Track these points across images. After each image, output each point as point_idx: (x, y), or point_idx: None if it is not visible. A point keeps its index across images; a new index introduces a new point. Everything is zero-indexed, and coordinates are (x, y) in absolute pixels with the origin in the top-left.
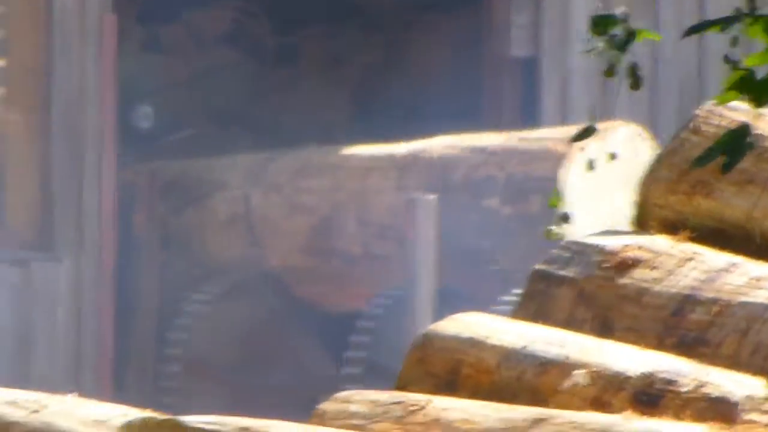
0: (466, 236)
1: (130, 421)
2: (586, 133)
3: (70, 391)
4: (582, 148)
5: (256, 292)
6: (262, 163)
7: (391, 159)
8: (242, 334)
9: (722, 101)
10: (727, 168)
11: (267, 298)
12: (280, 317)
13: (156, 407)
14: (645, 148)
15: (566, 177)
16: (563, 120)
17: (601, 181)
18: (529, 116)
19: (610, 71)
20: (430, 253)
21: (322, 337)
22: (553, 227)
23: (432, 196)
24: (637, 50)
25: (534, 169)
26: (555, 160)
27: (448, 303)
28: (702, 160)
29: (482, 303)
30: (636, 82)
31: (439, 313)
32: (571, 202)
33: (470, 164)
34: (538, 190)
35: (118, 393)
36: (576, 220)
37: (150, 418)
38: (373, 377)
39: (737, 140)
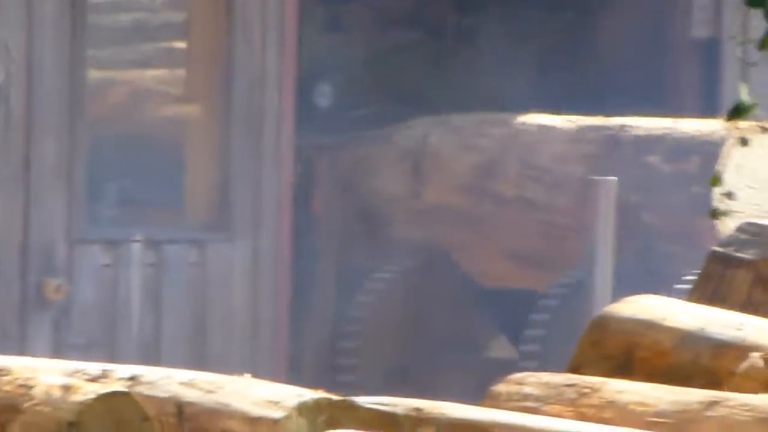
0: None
1: (303, 402)
2: (738, 112)
3: (246, 372)
4: (744, 141)
5: (433, 271)
6: (443, 119)
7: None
8: (419, 313)
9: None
10: None
11: (443, 278)
12: (456, 296)
13: (332, 386)
14: None
15: (726, 166)
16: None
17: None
18: (709, 98)
19: (764, 44)
20: (609, 235)
21: (499, 318)
22: (719, 206)
23: (612, 178)
24: None
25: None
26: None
27: (625, 282)
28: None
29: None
30: None
31: (617, 292)
32: (732, 186)
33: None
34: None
35: (294, 373)
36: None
37: (323, 399)
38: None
39: None
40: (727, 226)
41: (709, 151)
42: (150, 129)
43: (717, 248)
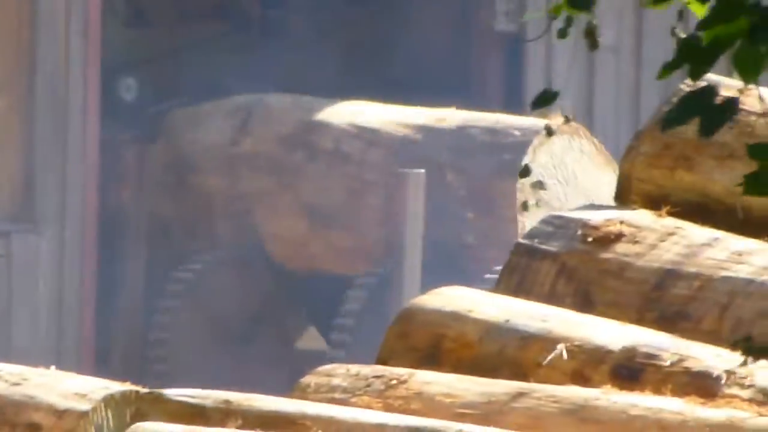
0: None
1: (110, 394)
2: (543, 100)
3: (51, 365)
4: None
5: (245, 261)
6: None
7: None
8: (231, 304)
9: (665, 74)
10: (706, 133)
11: (254, 267)
12: (266, 285)
13: (143, 378)
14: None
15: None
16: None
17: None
18: (514, 91)
19: (563, 32)
20: (418, 227)
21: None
22: (528, 200)
23: (420, 171)
24: (622, 26)
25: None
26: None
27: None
28: (670, 123)
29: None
30: (593, 42)
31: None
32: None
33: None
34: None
35: (104, 366)
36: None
37: (130, 391)
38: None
39: (705, 100)
40: (537, 217)
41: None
42: None
43: (522, 240)
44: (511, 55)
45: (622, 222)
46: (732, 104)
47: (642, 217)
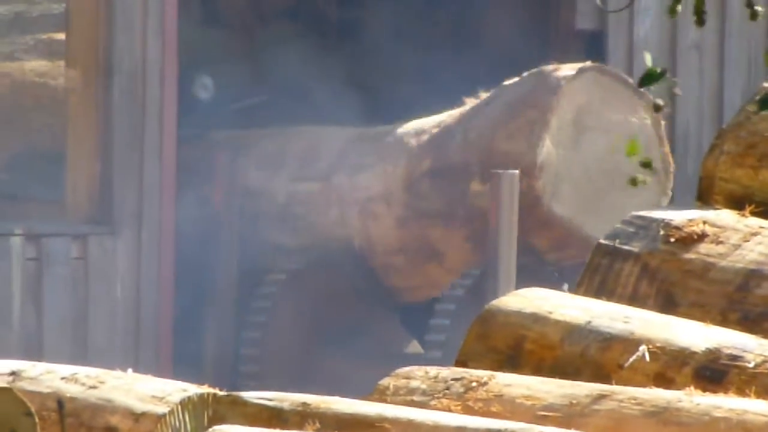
0: None
1: (188, 397)
2: (650, 78)
3: (129, 367)
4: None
5: (336, 265)
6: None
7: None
8: (322, 309)
9: None
10: None
11: (348, 274)
12: (357, 290)
13: (236, 380)
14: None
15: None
16: None
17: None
18: None
19: (673, 9)
20: (512, 230)
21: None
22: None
23: (514, 171)
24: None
25: None
26: None
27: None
28: (765, 103)
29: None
30: (700, 18)
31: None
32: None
33: None
34: None
35: (195, 371)
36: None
37: (208, 394)
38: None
39: None
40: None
41: None
42: (30, 121)
43: (603, 241)
44: (592, 55)
45: (704, 222)
46: None
47: (725, 217)
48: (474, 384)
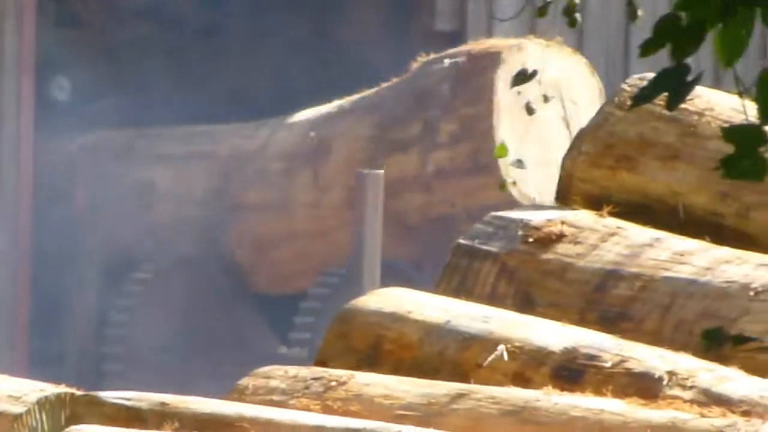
0: None
1: (45, 396)
2: (523, 77)
3: None
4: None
5: (199, 269)
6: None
7: None
8: (185, 312)
9: (646, 53)
10: (672, 105)
11: (213, 272)
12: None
13: (100, 381)
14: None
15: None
16: None
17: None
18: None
19: (543, 10)
20: (377, 228)
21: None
22: (506, 178)
23: (379, 171)
24: (563, 26)
25: None
26: None
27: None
28: (641, 98)
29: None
30: (573, 20)
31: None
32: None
33: None
34: None
35: (57, 368)
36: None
37: (65, 394)
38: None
39: (677, 77)
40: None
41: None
42: None
43: (463, 241)
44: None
45: (563, 222)
46: (696, 80)
47: (583, 217)
48: (333, 383)
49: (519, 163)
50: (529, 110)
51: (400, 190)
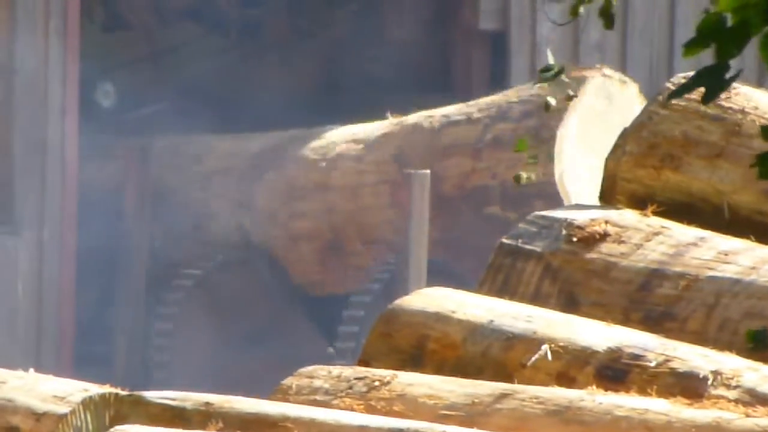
0: None
1: (89, 397)
2: (550, 71)
3: (30, 367)
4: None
5: (249, 268)
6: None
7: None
8: (233, 310)
9: (689, 53)
10: (707, 100)
11: (258, 272)
12: (271, 293)
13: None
14: (623, 94)
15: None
16: None
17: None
18: (498, 89)
19: (575, 10)
20: (423, 228)
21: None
22: (522, 172)
23: (425, 171)
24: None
25: None
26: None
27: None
28: (677, 93)
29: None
30: (609, 21)
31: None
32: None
33: None
34: None
35: (106, 369)
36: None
37: (110, 394)
38: None
39: (716, 74)
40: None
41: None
42: None
43: (506, 240)
44: (495, 55)
45: (607, 222)
46: (734, 78)
47: (627, 216)
48: (377, 383)
49: (535, 159)
50: (547, 106)
51: (450, 153)
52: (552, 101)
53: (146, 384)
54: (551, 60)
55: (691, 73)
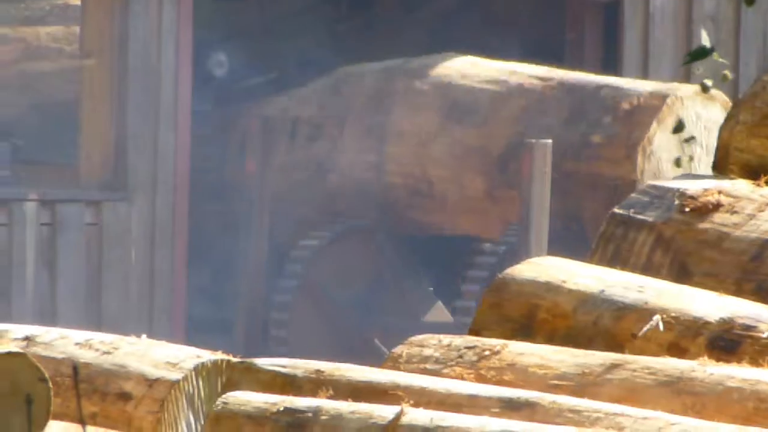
0: None
1: (202, 363)
2: (700, 53)
3: (143, 333)
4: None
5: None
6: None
7: None
8: (350, 278)
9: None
10: None
11: (377, 239)
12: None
13: (264, 349)
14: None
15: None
16: (645, 64)
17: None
18: (611, 59)
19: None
20: (545, 196)
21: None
22: (680, 156)
23: (547, 140)
24: None
25: None
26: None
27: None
28: None
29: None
30: None
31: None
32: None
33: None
34: None
35: (227, 336)
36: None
37: (222, 360)
38: None
39: None
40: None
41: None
42: (44, 86)
43: (617, 210)
44: (609, 26)
45: (720, 192)
46: None
47: (740, 187)
48: (487, 353)
49: (692, 139)
50: (704, 88)
51: None
52: (709, 83)
53: (265, 345)
54: (706, 41)
55: None
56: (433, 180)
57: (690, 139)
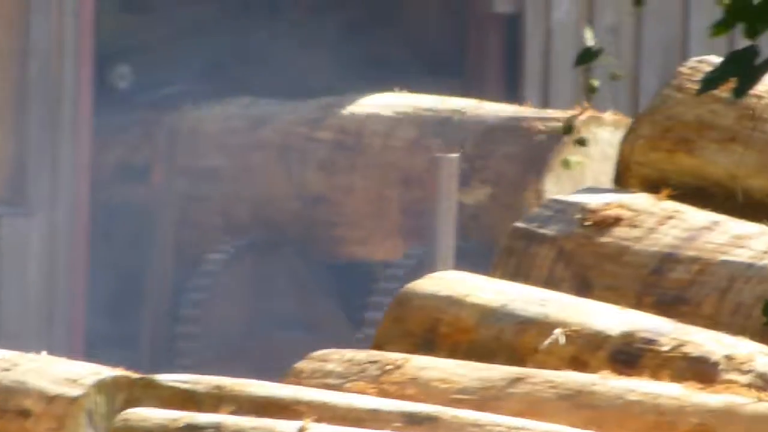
0: None
1: (102, 379)
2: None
3: (42, 350)
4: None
5: (273, 249)
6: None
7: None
8: (259, 292)
9: (717, 33)
10: (738, 93)
11: (284, 256)
12: (296, 275)
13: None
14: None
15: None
16: (546, 77)
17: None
18: (512, 72)
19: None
20: (451, 211)
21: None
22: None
23: (454, 155)
24: (622, 8)
25: None
26: None
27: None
28: (709, 83)
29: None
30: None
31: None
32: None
33: None
34: None
35: (130, 352)
36: None
37: (122, 377)
38: None
39: (745, 62)
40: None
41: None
42: None
43: (519, 224)
44: (510, 38)
45: (620, 206)
46: (766, 65)
47: (641, 200)
48: (389, 367)
49: (582, 141)
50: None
51: None
52: (596, 83)
53: (171, 362)
54: (590, 41)
55: (708, 58)
56: (339, 194)
57: (581, 141)
